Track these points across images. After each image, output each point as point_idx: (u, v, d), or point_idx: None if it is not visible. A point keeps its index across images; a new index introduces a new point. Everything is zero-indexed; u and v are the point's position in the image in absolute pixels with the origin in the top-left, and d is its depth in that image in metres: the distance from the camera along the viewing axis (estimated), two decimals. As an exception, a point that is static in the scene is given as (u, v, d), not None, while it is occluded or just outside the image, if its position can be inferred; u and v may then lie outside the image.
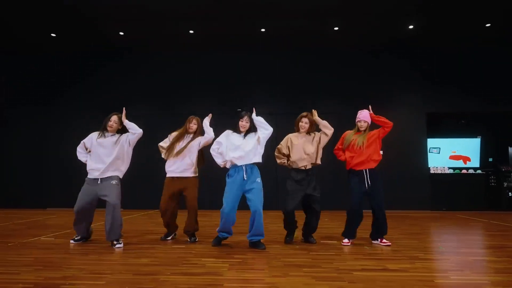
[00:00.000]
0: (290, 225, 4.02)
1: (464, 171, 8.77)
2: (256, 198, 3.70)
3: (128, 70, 9.21)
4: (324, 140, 4.10)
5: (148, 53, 9.16)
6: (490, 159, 9.42)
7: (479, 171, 8.77)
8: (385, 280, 2.57)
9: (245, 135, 3.90)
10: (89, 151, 4.13)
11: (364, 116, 4.07)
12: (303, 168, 3.97)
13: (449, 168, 8.84)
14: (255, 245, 3.72)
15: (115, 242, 3.81)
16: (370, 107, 4.23)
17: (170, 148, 4.16)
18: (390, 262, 3.12)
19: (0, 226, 5.43)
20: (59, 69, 9.29)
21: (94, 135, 4.14)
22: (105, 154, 3.98)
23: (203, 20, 7.53)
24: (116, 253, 3.54)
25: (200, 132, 4.30)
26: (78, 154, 4.25)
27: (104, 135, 4.08)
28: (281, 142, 4.20)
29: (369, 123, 4.08)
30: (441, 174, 8.70)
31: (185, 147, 4.13)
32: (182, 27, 7.85)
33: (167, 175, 4.20)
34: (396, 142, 8.68)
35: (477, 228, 5.61)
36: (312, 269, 2.86)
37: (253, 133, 3.92)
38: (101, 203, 4.03)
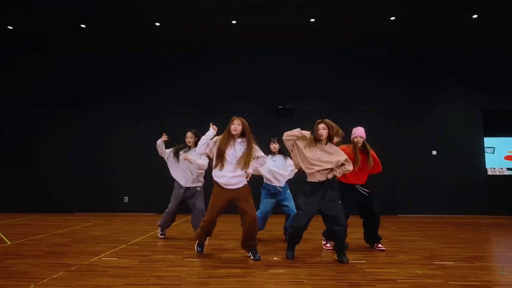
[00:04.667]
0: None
1: (524, 172, 8.15)
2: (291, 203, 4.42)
3: (162, 69, 8.49)
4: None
5: (183, 52, 8.46)
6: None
7: (539, 173, 8.16)
8: None
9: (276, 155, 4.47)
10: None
11: (360, 132, 3.95)
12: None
13: (508, 169, 8.22)
14: None
15: None
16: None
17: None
18: None
19: (40, 238, 4.79)
20: (92, 69, 8.59)
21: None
22: None
23: (246, 12, 6.83)
24: (261, 277, 2.88)
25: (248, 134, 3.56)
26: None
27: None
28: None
29: (365, 138, 3.96)
30: (500, 176, 8.08)
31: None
32: (223, 20, 7.13)
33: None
34: (450, 142, 8.10)
35: None
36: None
37: (283, 155, 4.46)
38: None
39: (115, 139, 8.34)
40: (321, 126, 3.48)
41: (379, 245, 4.08)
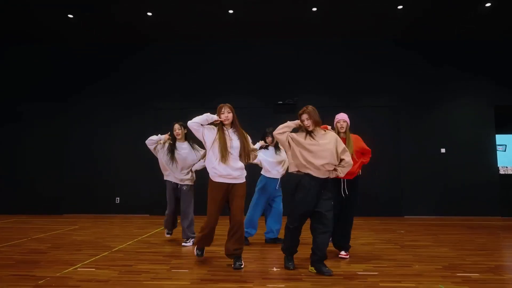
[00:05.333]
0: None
1: (539, 171, 7.72)
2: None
3: (155, 63, 8.00)
4: None
5: (177, 45, 7.99)
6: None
7: (555, 172, 7.72)
8: None
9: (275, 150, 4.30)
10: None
11: (343, 116, 3.64)
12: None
13: (521, 168, 7.79)
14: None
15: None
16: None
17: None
18: None
19: (16, 244, 4.36)
20: (81, 63, 8.10)
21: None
22: None
23: (243, 1, 6.37)
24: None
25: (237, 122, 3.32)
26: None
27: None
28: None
29: (349, 123, 3.61)
30: (513, 175, 7.65)
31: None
32: (219, 10, 6.64)
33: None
34: (460, 140, 7.63)
35: None
36: None
37: (278, 148, 4.27)
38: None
39: (106, 136, 7.89)
40: (305, 116, 3.11)
41: (343, 252, 3.63)
